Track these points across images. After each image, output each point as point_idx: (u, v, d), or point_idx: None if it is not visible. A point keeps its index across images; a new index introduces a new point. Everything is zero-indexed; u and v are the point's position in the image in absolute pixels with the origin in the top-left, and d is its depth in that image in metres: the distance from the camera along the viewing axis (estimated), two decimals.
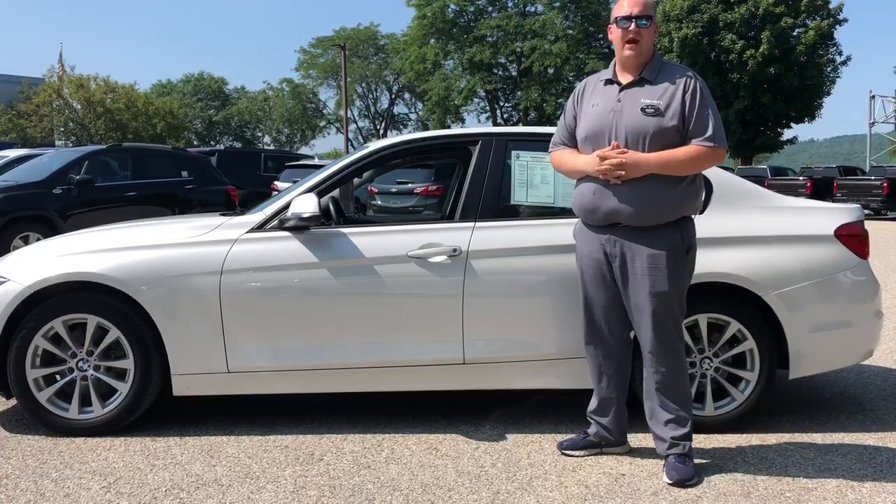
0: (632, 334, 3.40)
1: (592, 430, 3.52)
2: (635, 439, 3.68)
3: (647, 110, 3.13)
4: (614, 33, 3.26)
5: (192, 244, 3.80)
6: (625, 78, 3.25)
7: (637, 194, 3.13)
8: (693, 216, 3.29)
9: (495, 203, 3.90)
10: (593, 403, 3.51)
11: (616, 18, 3.24)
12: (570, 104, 3.45)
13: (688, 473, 3.19)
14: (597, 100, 3.28)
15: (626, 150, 3.12)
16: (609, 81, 3.29)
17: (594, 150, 3.21)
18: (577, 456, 3.49)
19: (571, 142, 3.39)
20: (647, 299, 3.18)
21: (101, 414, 3.76)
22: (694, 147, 3.11)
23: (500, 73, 46.93)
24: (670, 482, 3.18)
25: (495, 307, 3.76)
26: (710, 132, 3.10)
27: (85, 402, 3.77)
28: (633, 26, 3.17)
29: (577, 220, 3.49)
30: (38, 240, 8.03)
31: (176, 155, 12.14)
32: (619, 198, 3.15)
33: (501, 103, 48.70)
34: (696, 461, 3.38)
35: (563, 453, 3.52)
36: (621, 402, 3.47)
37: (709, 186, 3.90)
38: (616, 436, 3.50)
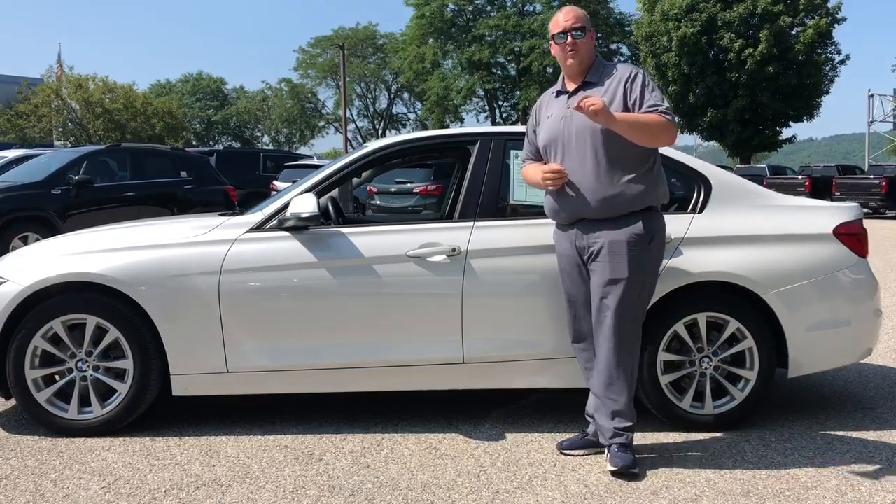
0: None
1: (591, 429, 3.52)
2: (633, 438, 3.67)
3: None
4: (554, 49, 3.46)
5: (191, 244, 3.79)
6: (572, 86, 3.41)
7: (598, 188, 3.25)
8: (657, 207, 3.35)
9: (494, 202, 3.90)
10: (590, 402, 3.52)
11: (552, 36, 3.43)
12: (530, 121, 3.62)
13: (631, 461, 3.25)
14: (551, 111, 3.46)
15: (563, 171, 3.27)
16: (560, 93, 3.47)
17: (553, 156, 3.39)
18: (577, 455, 3.49)
19: (536, 155, 3.56)
20: (606, 286, 3.27)
21: (100, 414, 3.75)
22: (653, 115, 3.19)
23: (499, 72, 46.96)
24: (614, 468, 3.23)
25: (494, 307, 3.76)
26: (661, 108, 3.21)
27: (84, 402, 3.77)
28: (569, 39, 3.36)
29: None
30: (37, 240, 8.03)
31: (175, 155, 12.14)
32: (581, 195, 3.29)
33: (500, 103, 48.72)
34: (700, 460, 3.40)
35: (562, 453, 3.52)
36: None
37: (707, 185, 3.91)
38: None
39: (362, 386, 3.85)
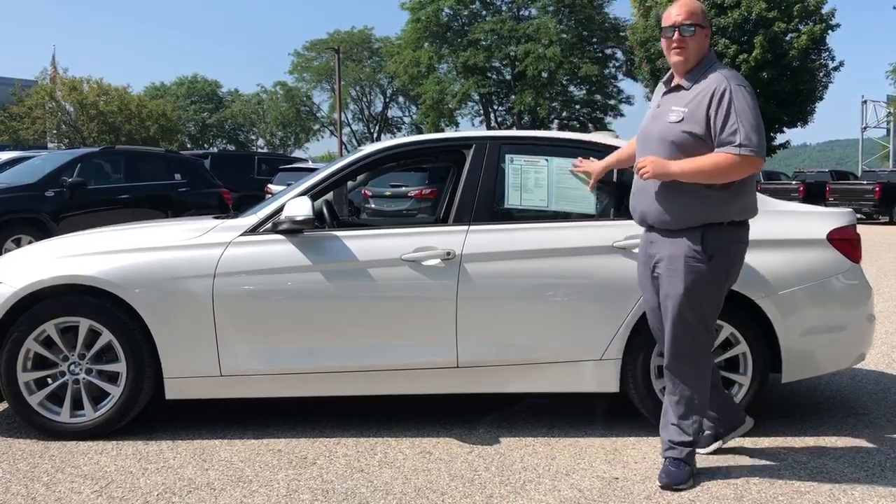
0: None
1: (705, 424, 3.50)
2: (628, 443, 3.68)
3: (672, 118, 3.19)
4: (663, 43, 3.32)
5: (185, 247, 3.78)
6: (675, 81, 3.30)
7: (660, 198, 3.20)
8: (728, 224, 3.16)
9: (489, 206, 3.90)
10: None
11: (662, 29, 3.30)
12: None
13: (679, 477, 3.19)
14: (654, 102, 3.42)
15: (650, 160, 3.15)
16: (666, 84, 3.36)
17: (638, 152, 3.35)
18: (706, 453, 3.49)
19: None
20: (663, 300, 3.24)
21: (92, 417, 3.74)
22: (720, 155, 3.03)
23: (494, 76, 46.96)
24: (659, 485, 3.20)
25: (489, 310, 3.76)
26: (738, 140, 3.00)
27: (77, 405, 3.75)
28: (676, 34, 3.20)
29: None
30: (31, 242, 8.00)
31: (169, 158, 12.12)
32: (647, 201, 3.25)
33: (495, 107, 48.72)
34: None
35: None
36: (714, 394, 3.42)
37: None
38: (727, 422, 3.51)
39: (356, 390, 3.84)
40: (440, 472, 3.36)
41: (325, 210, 4.20)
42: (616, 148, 3.95)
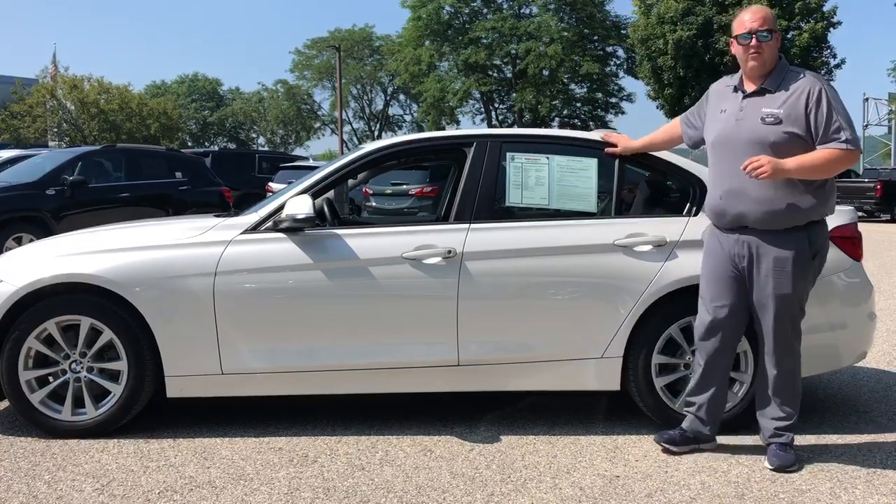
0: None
1: (686, 423, 3.55)
2: (629, 441, 3.68)
3: (767, 119, 3.26)
4: (736, 49, 3.42)
5: (186, 245, 3.79)
6: (749, 87, 3.39)
7: (764, 199, 3.25)
8: (822, 220, 3.35)
9: (490, 204, 3.90)
10: (692, 396, 3.56)
11: (736, 35, 3.40)
12: (700, 101, 3.70)
13: (788, 460, 3.33)
14: (725, 105, 3.45)
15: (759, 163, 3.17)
16: (736, 89, 3.45)
17: (721, 155, 3.38)
18: (675, 453, 3.52)
19: (686, 121, 3.72)
20: (769, 300, 3.30)
21: (94, 416, 3.74)
22: (828, 150, 3.18)
23: (495, 74, 46.95)
24: (771, 468, 3.32)
25: (490, 309, 3.76)
26: (842, 136, 3.18)
27: (78, 403, 3.75)
28: (753, 41, 3.32)
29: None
30: (32, 241, 8.00)
31: (170, 156, 12.13)
32: (747, 203, 3.29)
33: (496, 105, 48.72)
34: (694, 462, 3.41)
35: (663, 448, 3.54)
36: (718, 399, 3.53)
37: (703, 188, 3.90)
38: (708, 431, 3.53)
39: (357, 388, 3.84)
40: (441, 471, 3.36)
41: (325, 208, 4.19)
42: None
